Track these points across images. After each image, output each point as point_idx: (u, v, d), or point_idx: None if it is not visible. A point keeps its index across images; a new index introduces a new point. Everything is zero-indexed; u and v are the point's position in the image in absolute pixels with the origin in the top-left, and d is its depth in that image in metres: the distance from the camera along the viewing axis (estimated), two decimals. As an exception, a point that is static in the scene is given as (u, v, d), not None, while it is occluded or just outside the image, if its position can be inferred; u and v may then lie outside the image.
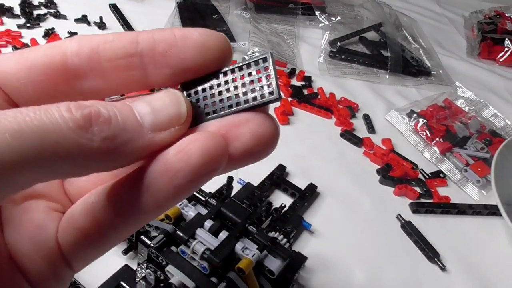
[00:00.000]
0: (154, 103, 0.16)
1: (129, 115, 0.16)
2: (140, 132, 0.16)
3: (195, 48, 0.17)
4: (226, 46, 0.18)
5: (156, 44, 0.17)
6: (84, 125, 0.14)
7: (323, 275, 0.49)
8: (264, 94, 0.17)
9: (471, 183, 0.66)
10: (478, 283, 0.52)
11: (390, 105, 0.79)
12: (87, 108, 0.15)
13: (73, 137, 0.14)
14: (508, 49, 0.99)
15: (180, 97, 0.17)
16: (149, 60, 0.17)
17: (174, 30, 0.17)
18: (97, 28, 0.82)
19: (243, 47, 0.84)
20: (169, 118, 0.16)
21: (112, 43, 0.17)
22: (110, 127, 0.15)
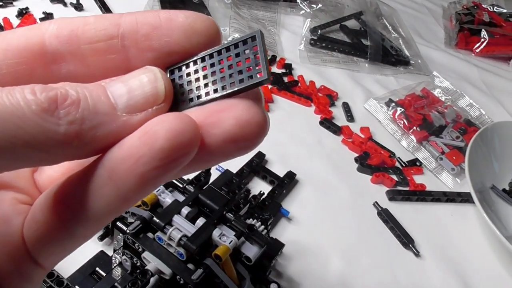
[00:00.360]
0: (130, 82, 0.15)
1: (100, 96, 0.14)
2: (112, 115, 0.14)
3: (181, 30, 0.16)
4: (213, 29, 0.16)
5: (139, 26, 0.16)
6: (48, 108, 0.13)
7: (300, 262, 0.49)
8: (252, 75, 0.16)
9: (446, 171, 0.67)
10: (450, 268, 0.54)
11: (369, 94, 0.80)
12: (53, 90, 0.14)
13: (36, 121, 0.13)
14: (484, 40, 1.01)
15: (158, 73, 0.15)
16: (131, 43, 0.16)
17: (159, 12, 0.16)
18: (73, 9, 0.80)
19: (223, 33, 0.83)
20: (145, 98, 0.15)
21: (93, 25, 0.16)
22: (78, 110, 0.14)
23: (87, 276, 0.41)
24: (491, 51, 1.00)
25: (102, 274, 0.41)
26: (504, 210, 0.62)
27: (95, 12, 0.81)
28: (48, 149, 0.14)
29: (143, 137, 0.14)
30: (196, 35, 0.16)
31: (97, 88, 0.15)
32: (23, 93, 0.13)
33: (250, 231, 0.38)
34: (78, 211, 0.15)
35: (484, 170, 0.64)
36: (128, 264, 0.40)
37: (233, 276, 0.37)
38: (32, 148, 0.13)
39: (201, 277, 0.35)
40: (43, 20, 0.75)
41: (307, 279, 0.48)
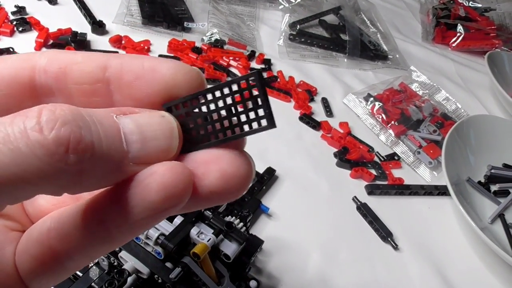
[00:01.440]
0: (145, 129, 0.14)
1: (115, 141, 0.13)
2: (123, 164, 0.14)
3: (162, 82, 0.16)
4: (196, 82, 0.16)
5: (124, 73, 0.16)
6: (56, 151, 0.12)
7: (280, 258, 0.49)
8: (255, 121, 0.15)
9: (423, 164, 0.68)
10: (428, 260, 0.54)
11: (348, 89, 0.80)
12: (66, 127, 0.12)
13: (40, 166, 0.12)
14: (460, 34, 1.02)
15: (175, 128, 0.15)
16: (115, 88, 0.16)
17: (144, 60, 0.16)
18: (47, 2, 0.78)
19: (201, 28, 0.82)
20: (157, 152, 0.14)
21: (80, 65, 0.16)
22: (90, 157, 0.12)
23: (63, 277, 0.40)
24: (466, 45, 1.02)
25: (79, 274, 0.41)
26: (480, 202, 0.63)
27: (69, 6, 0.79)
28: (47, 188, 0.13)
29: (137, 188, 0.14)
30: (177, 88, 0.16)
31: (112, 127, 0.14)
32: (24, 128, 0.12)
33: (229, 228, 0.38)
34: (71, 250, 0.15)
35: (460, 163, 0.65)
36: (105, 263, 0.40)
37: (212, 274, 0.37)
38: (30, 188, 0.12)
39: (179, 276, 0.35)
40: (15, 14, 0.73)
41: (287, 275, 0.48)
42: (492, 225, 0.60)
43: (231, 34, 0.83)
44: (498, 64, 0.89)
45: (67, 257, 0.16)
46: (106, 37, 0.74)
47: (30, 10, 0.75)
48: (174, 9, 0.84)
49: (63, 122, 0.12)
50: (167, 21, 0.80)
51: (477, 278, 0.55)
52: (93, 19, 0.76)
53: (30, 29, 0.71)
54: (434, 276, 0.53)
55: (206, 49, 0.77)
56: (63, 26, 0.72)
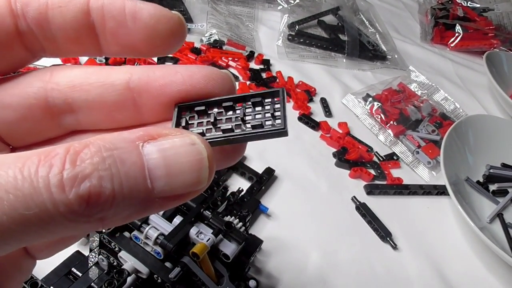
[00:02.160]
0: (171, 161, 0.13)
1: (137, 182, 0.13)
2: (147, 201, 0.13)
3: (145, 31, 0.16)
4: (178, 29, 0.16)
5: (106, 20, 0.16)
6: (78, 210, 0.12)
7: (279, 258, 0.49)
8: (272, 124, 0.16)
9: (422, 164, 0.68)
10: (427, 260, 0.54)
11: (346, 89, 0.80)
12: (85, 183, 0.12)
13: (63, 222, 0.12)
14: (458, 35, 1.03)
15: (205, 159, 0.14)
16: (100, 33, 0.16)
17: (125, 3, 0.16)
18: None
19: (200, 28, 0.82)
20: (184, 187, 0.13)
21: (62, 10, 0.16)
22: (111, 208, 0.12)
23: (62, 277, 0.40)
24: (465, 45, 1.02)
25: (78, 275, 0.41)
26: (478, 202, 0.63)
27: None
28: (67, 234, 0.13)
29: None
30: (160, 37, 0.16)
31: (135, 165, 0.13)
32: (48, 186, 0.11)
33: (228, 228, 0.38)
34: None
35: (458, 163, 0.65)
36: (104, 263, 0.40)
37: (211, 274, 0.37)
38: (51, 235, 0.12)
39: (178, 276, 0.35)
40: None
41: (286, 275, 0.48)
42: (491, 224, 0.61)
43: (230, 35, 0.83)
44: (496, 64, 0.89)
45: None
46: (105, 38, 0.74)
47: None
48: (173, 10, 0.84)
49: (83, 177, 0.12)
50: (166, 22, 0.80)
51: (476, 278, 0.55)
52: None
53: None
54: (433, 276, 0.53)
55: (205, 50, 0.77)
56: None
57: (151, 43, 0.16)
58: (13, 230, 0.11)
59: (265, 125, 0.16)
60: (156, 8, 0.16)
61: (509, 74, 0.91)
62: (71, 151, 0.12)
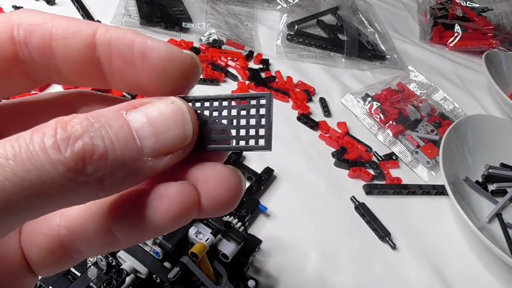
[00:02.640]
0: (156, 120, 0.14)
1: (127, 141, 0.13)
2: (140, 161, 0.14)
3: (154, 73, 0.15)
4: (191, 71, 0.16)
5: (113, 57, 0.15)
6: (76, 167, 0.12)
7: (278, 257, 0.49)
8: (254, 139, 0.15)
9: (421, 164, 0.68)
10: (426, 260, 0.55)
11: (345, 89, 0.80)
12: (78, 141, 0.12)
13: (63, 182, 0.12)
14: (457, 34, 1.03)
15: (186, 113, 0.15)
16: (107, 70, 0.16)
17: (135, 41, 0.15)
18: (45, 3, 0.78)
19: (200, 28, 0.82)
20: (172, 142, 0.14)
21: (66, 42, 0.15)
22: (107, 164, 0.13)
23: (61, 277, 0.40)
24: (464, 45, 1.02)
25: (77, 274, 0.41)
26: (477, 202, 0.63)
27: (67, 7, 0.79)
28: (70, 203, 0.13)
29: (145, 209, 0.14)
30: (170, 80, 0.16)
31: (122, 127, 0.13)
32: (45, 149, 0.12)
33: (227, 228, 0.38)
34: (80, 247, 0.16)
35: (457, 162, 0.65)
36: (103, 263, 0.40)
37: (210, 274, 0.37)
38: (55, 203, 0.13)
39: (177, 276, 0.35)
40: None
41: (286, 275, 0.48)
42: (490, 224, 0.61)
43: (229, 34, 0.83)
44: (495, 64, 0.89)
45: (77, 251, 0.16)
46: (104, 37, 0.74)
47: (28, 11, 0.75)
48: (172, 10, 0.84)
49: (76, 137, 0.12)
50: (165, 22, 0.80)
51: (475, 277, 0.55)
52: (91, 20, 0.76)
53: (28, 30, 0.71)
54: (432, 276, 0.53)
55: (204, 50, 0.77)
56: (61, 26, 0.72)
57: (160, 85, 0.16)
58: (17, 196, 0.12)
59: (249, 140, 0.15)
60: (168, 48, 0.15)
61: (508, 74, 0.91)
62: (60, 121, 0.13)
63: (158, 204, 0.14)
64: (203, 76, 0.72)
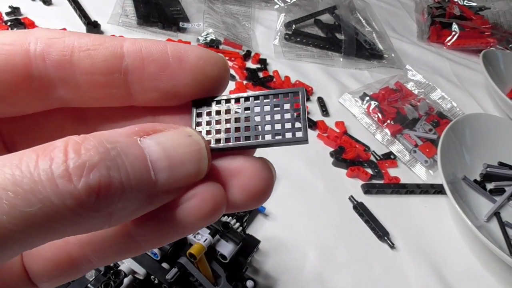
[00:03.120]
0: (172, 153, 0.13)
1: (142, 172, 0.13)
2: (153, 194, 0.13)
3: (192, 74, 0.15)
4: (225, 72, 0.16)
5: (145, 64, 0.15)
6: (87, 201, 0.11)
7: (277, 257, 0.49)
8: (290, 132, 0.15)
9: (419, 163, 0.68)
10: (424, 259, 0.54)
11: (343, 88, 0.80)
12: (94, 172, 0.11)
13: (70, 217, 0.11)
14: (455, 33, 1.03)
15: (203, 149, 0.14)
16: (136, 80, 0.15)
17: (168, 46, 0.15)
18: (42, 3, 0.78)
19: (197, 28, 0.82)
20: (186, 178, 0.14)
21: (91, 53, 0.14)
22: (121, 200, 0.12)
23: (59, 279, 0.40)
24: (461, 44, 1.02)
25: (75, 277, 0.40)
26: (475, 200, 0.63)
27: (64, 7, 0.79)
28: (75, 233, 0.12)
29: (176, 211, 0.14)
30: (207, 80, 0.15)
31: (138, 157, 0.13)
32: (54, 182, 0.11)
33: (225, 229, 0.38)
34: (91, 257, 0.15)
35: (456, 161, 0.65)
36: (101, 265, 0.39)
37: (209, 275, 0.37)
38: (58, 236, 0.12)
39: (175, 276, 0.35)
40: (9, 15, 0.72)
41: (284, 275, 0.48)
42: (488, 223, 0.61)
43: (227, 34, 0.83)
44: (493, 62, 0.89)
45: (86, 261, 0.15)
46: (101, 37, 0.74)
47: (25, 11, 0.74)
48: (169, 9, 0.83)
49: (91, 166, 0.11)
50: (162, 22, 0.80)
51: (473, 276, 0.55)
52: (88, 20, 0.76)
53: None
54: (430, 274, 0.53)
55: (202, 49, 0.77)
56: (57, 26, 0.71)
57: (198, 86, 0.15)
58: (15, 232, 0.11)
59: (285, 133, 0.15)
60: (203, 50, 0.15)
61: (506, 73, 0.91)
62: (72, 142, 0.12)
63: (190, 204, 0.14)
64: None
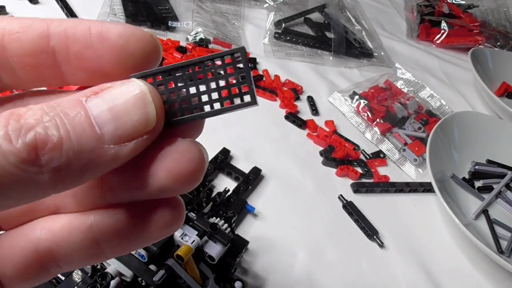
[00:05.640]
0: (114, 104, 0.13)
1: (84, 129, 0.13)
2: (100, 149, 0.13)
3: (113, 52, 0.15)
4: (151, 49, 0.15)
5: (70, 43, 0.15)
6: (28, 157, 0.12)
7: (266, 257, 0.49)
8: (240, 98, 0.15)
9: (408, 162, 0.68)
10: (413, 257, 0.55)
11: (333, 87, 0.80)
12: (30, 132, 0.12)
13: (16, 172, 0.12)
14: (444, 31, 1.03)
15: (147, 94, 0.14)
16: (63, 59, 0.15)
17: (91, 24, 0.15)
18: (28, 2, 0.77)
19: (186, 27, 0.82)
20: (134, 126, 0.14)
21: (19, 35, 0.15)
22: (61, 153, 0.12)
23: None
24: (450, 42, 1.03)
25: (61, 278, 0.40)
26: (464, 198, 0.64)
27: (51, 6, 0.78)
28: (29, 195, 0.13)
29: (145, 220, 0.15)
30: (130, 57, 0.15)
31: (79, 115, 0.13)
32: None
33: (213, 230, 0.38)
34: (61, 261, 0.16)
35: (444, 160, 0.66)
36: (88, 267, 0.39)
37: (196, 276, 0.36)
38: (11, 196, 0.12)
39: (163, 278, 0.35)
40: (-5, 15, 0.71)
41: (273, 275, 0.48)
42: (476, 221, 0.61)
43: (216, 33, 0.82)
44: (481, 60, 0.90)
45: (55, 265, 0.16)
46: (88, 37, 0.73)
47: (10, 10, 0.73)
48: (158, 8, 0.83)
49: (28, 128, 0.12)
50: (150, 20, 0.79)
51: (462, 274, 0.55)
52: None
53: (11, 30, 0.70)
54: (419, 273, 0.53)
55: (191, 49, 0.77)
56: (44, 26, 0.71)
57: (121, 65, 0.15)
58: None
59: (233, 99, 0.15)
60: (126, 27, 0.15)
61: (494, 71, 0.92)
62: (14, 113, 0.12)
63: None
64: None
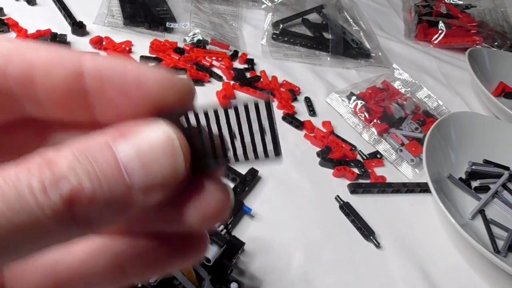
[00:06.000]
0: (144, 151, 0.13)
1: (115, 178, 0.13)
2: (129, 199, 0.13)
3: (150, 101, 0.14)
4: (188, 98, 0.15)
5: (104, 86, 0.14)
6: (63, 212, 0.12)
7: (263, 259, 0.49)
8: (265, 150, 0.15)
9: (405, 162, 0.69)
10: (410, 258, 0.55)
11: (331, 88, 0.80)
12: (65, 183, 0.12)
13: (51, 226, 0.12)
14: (442, 32, 1.03)
15: (177, 146, 0.13)
16: (96, 101, 0.14)
17: (127, 67, 0.14)
18: (26, 3, 0.77)
19: (184, 28, 0.82)
20: (163, 175, 0.13)
21: (49, 70, 0.14)
22: (95, 207, 0.12)
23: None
24: (448, 42, 1.03)
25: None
26: (461, 198, 0.64)
27: (49, 7, 0.78)
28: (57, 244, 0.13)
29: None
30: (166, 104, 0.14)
31: (108, 161, 0.13)
32: (32, 191, 0.11)
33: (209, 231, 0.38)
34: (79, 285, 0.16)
35: (441, 160, 0.66)
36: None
37: (192, 278, 0.37)
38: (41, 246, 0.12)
39: (158, 280, 0.35)
40: (-7, 17, 0.71)
41: (270, 276, 0.48)
42: (473, 221, 0.61)
43: (214, 34, 0.83)
44: (478, 60, 0.90)
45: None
46: (86, 38, 0.73)
47: (8, 11, 0.74)
48: (156, 9, 0.83)
49: (61, 177, 0.12)
50: (148, 22, 0.79)
51: (459, 274, 0.55)
52: (73, 20, 0.75)
53: (8, 31, 0.70)
54: (416, 273, 0.53)
55: (189, 50, 0.77)
56: (42, 27, 0.71)
57: (155, 112, 0.14)
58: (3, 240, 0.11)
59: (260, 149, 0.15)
60: (163, 75, 0.14)
61: (491, 71, 0.92)
62: (45, 158, 0.12)
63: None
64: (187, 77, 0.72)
